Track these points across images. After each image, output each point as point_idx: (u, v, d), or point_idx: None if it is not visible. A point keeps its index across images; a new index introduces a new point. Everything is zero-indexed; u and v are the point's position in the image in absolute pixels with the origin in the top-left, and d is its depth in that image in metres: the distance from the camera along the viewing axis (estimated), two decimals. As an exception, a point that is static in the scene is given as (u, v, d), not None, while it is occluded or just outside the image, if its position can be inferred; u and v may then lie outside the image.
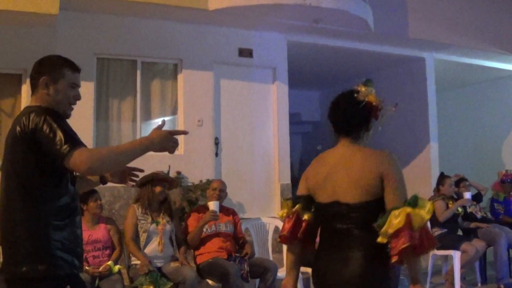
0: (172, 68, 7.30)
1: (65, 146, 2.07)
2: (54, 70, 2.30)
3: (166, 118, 7.32)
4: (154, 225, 4.55)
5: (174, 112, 7.24)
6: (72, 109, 2.39)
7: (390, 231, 2.09)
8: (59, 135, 2.09)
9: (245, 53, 7.55)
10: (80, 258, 2.34)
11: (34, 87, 2.33)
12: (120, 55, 6.89)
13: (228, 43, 7.43)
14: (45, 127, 2.12)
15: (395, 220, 2.08)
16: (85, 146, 2.14)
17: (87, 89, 6.48)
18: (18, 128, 2.19)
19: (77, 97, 2.37)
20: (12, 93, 6.46)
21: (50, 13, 5.78)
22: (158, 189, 4.63)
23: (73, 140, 2.11)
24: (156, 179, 4.65)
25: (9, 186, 2.24)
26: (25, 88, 6.37)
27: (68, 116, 2.35)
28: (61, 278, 2.23)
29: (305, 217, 2.42)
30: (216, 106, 7.36)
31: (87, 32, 6.62)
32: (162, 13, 6.77)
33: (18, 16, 5.84)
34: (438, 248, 5.62)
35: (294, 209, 2.43)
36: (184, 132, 2.43)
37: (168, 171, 6.28)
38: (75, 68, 2.36)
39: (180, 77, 7.21)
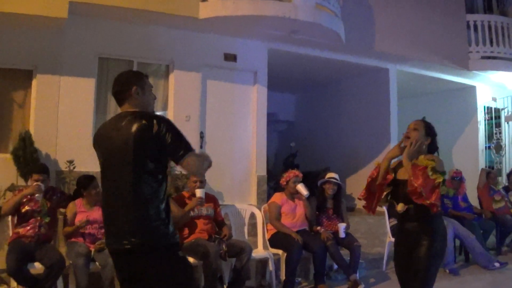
0: (165, 69, 7.51)
1: (181, 151, 2.42)
2: (139, 80, 2.64)
3: (158, 113, 7.56)
4: None
5: (164, 108, 7.43)
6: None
7: None
8: (179, 139, 2.45)
9: (230, 57, 7.78)
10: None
11: (123, 98, 2.60)
12: (119, 56, 7.13)
13: (215, 48, 7.66)
14: (171, 131, 2.44)
15: None
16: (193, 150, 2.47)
17: (88, 85, 6.75)
18: (141, 128, 2.44)
19: (154, 97, 2.76)
20: (23, 87, 6.63)
21: (59, 17, 6.02)
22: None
23: (187, 145, 2.45)
24: None
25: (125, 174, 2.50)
26: (35, 83, 6.58)
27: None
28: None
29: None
30: (202, 104, 7.57)
31: (91, 35, 6.83)
32: (158, 20, 6.99)
33: (31, 19, 6.04)
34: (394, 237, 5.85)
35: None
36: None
37: None
38: (146, 76, 2.73)
39: (171, 77, 7.43)
